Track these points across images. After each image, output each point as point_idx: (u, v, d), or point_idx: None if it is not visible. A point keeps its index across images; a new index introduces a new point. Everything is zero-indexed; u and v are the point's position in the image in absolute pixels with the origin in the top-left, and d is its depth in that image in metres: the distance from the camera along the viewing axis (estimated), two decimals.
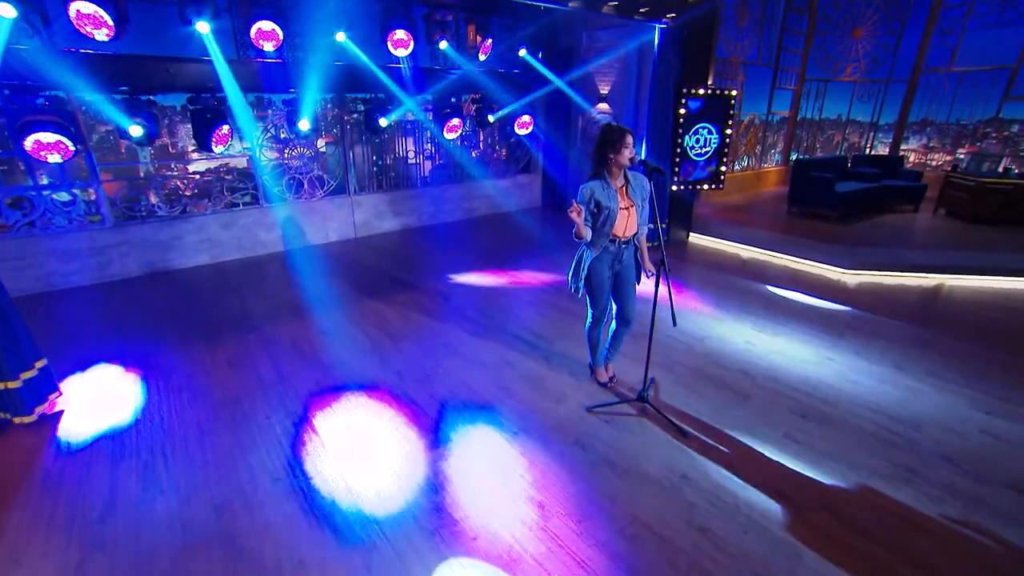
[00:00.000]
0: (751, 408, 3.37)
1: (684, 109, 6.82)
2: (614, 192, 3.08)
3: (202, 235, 6.54)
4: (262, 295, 5.54)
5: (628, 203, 3.14)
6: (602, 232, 3.14)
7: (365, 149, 7.93)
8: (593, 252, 3.20)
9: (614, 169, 3.07)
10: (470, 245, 7.52)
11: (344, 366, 3.98)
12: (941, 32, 9.90)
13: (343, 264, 6.70)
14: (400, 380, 3.76)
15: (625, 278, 3.34)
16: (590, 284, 3.29)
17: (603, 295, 3.32)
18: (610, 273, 3.28)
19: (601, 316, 3.43)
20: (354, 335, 4.53)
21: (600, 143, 3.07)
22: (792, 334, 4.48)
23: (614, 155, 3.01)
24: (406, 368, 3.93)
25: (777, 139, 11.27)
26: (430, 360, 4.06)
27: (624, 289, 3.36)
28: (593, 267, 3.23)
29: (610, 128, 3.05)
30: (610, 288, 3.34)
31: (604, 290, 3.31)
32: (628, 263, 3.32)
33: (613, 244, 3.19)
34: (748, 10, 8.90)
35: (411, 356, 4.13)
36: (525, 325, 4.70)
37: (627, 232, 3.17)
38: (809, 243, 6.72)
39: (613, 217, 3.09)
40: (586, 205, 3.09)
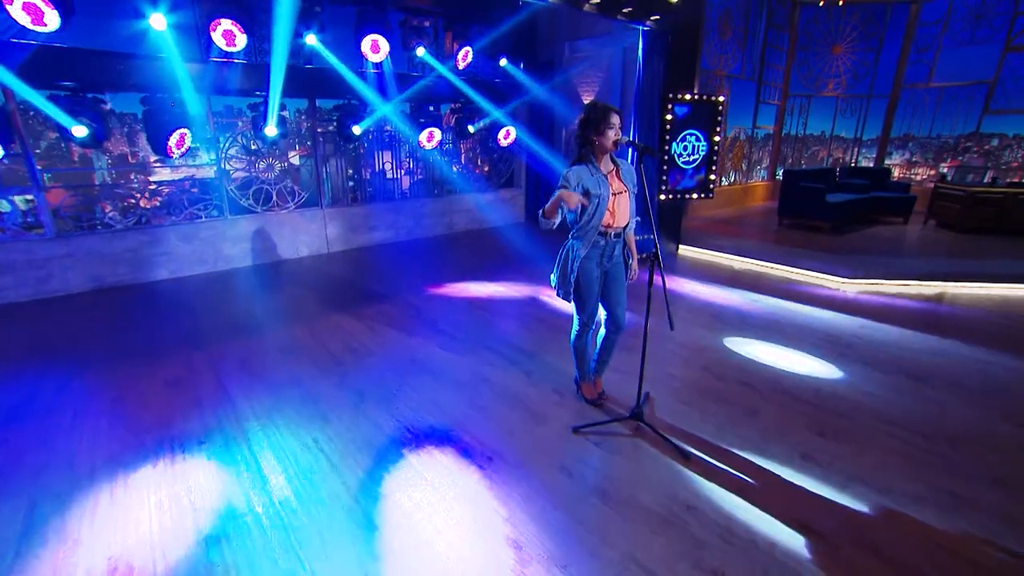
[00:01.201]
0: (760, 425, 2.96)
1: (670, 115, 6.60)
2: (603, 177, 2.72)
3: (159, 248, 6.06)
4: (219, 311, 5.06)
5: (621, 187, 2.78)
6: (590, 225, 2.77)
7: (340, 162, 7.57)
8: (582, 248, 2.82)
9: (599, 152, 2.72)
10: (449, 259, 7.12)
11: (298, 385, 3.51)
12: (918, 49, 9.95)
13: (312, 279, 6.24)
14: (360, 400, 3.30)
15: (615, 277, 2.96)
16: (578, 286, 2.89)
17: (592, 298, 2.93)
18: (599, 272, 2.90)
19: (589, 322, 3.03)
20: (315, 351, 4.06)
21: (582, 123, 2.72)
22: (796, 344, 4.11)
23: (597, 137, 2.67)
24: (368, 387, 3.47)
25: (763, 155, 11.16)
26: (396, 378, 3.60)
27: (614, 289, 2.97)
28: (583, 267, 2.84)
29: (593, 106, 2.71)
30: (599, 289, 2.96)
31: (593, 292, 2.91)
32: (618, 260, 2.94)
33: (603, 238, 2.81)
34: (731, 24, 8.83)
35: (375, 373, 3.67)
36: (504, 339, 4.28)
37: (619, 222, 2.80)
38: (804, 253, 6.44)
39: (604, 205, 2.72)
40: (568, 188, 2.72)
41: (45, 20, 4.36)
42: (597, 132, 2.66)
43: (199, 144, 6.53)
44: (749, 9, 9.15)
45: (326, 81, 6.37)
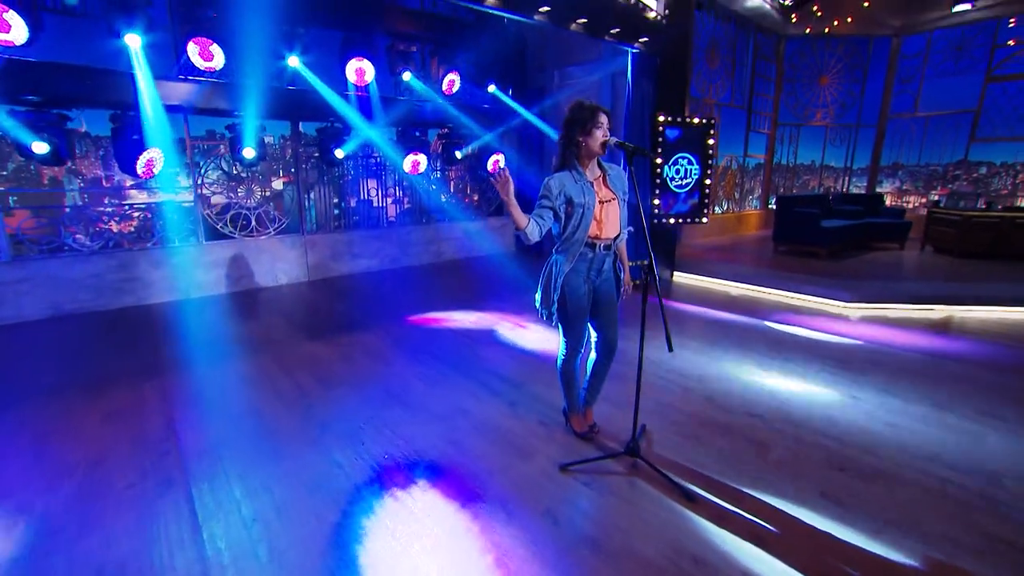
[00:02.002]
0: (772, 460, 2.61)
1: (662, 138, 6.46)
2: (589, 184, 2.47)
3: (126, 273, 5.72)
4: (183, 340, 4.70)
5: (609, 195, 2.52)
6: (575, 237, 2.49)
7: (325, 189, 7.35)
8: (567, 262, 2.54)
9: (585, 157, 2.47)
10: (435, 288, 6.82)
11: (256, 418, 3.14)
12: (901, 80, 10.08)
13: (289, 307, 5.91)
14: (323, 434, 2.93)
15: (605, 294, 2.67)
16: (564, 306, 2.59)
17: (580, 318, 2.63)
18: (587, 288, 2.61)
19: (577, 345, 2.71)
20: (280, 382, 3.70)
21: (567, 123, 2.47)
22: (804, 371, 3.80)
23: (584, 138, 2.42)
24: (334, 420, 3.11)
25: (755, 184, 11.13)
26: (366, 410, 3.24)
27: (604, 308, 2.67)
28: (568, 283, 2.55)
29: (579, 105, 2.47)
30: (588, 308, 2.66)
31: (581, 311, 2.61)
32: (608, 275, 2.65)
33: (591, 250, 2.53)
34: (719, 52, 8.89)
35: (343, 406, 3.31)
36: (488, 368, 3.94)
37: (607, 233, 2.53)
38: (802, 278, 6.20)
39: (589, 215, 2.45)
40: (553, 204, 2.46)
41: (12, 34, 4.18)
42: (583, 132, 2.41)
43: (178, 168, 6.31)
44: (735, 40, 9.25)
45: (309, 103, 6.21)
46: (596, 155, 2.47)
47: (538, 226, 2.41)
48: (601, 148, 2.44)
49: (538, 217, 2.42)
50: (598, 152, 2.45)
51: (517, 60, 8.11)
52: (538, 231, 2.41)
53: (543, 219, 2.43)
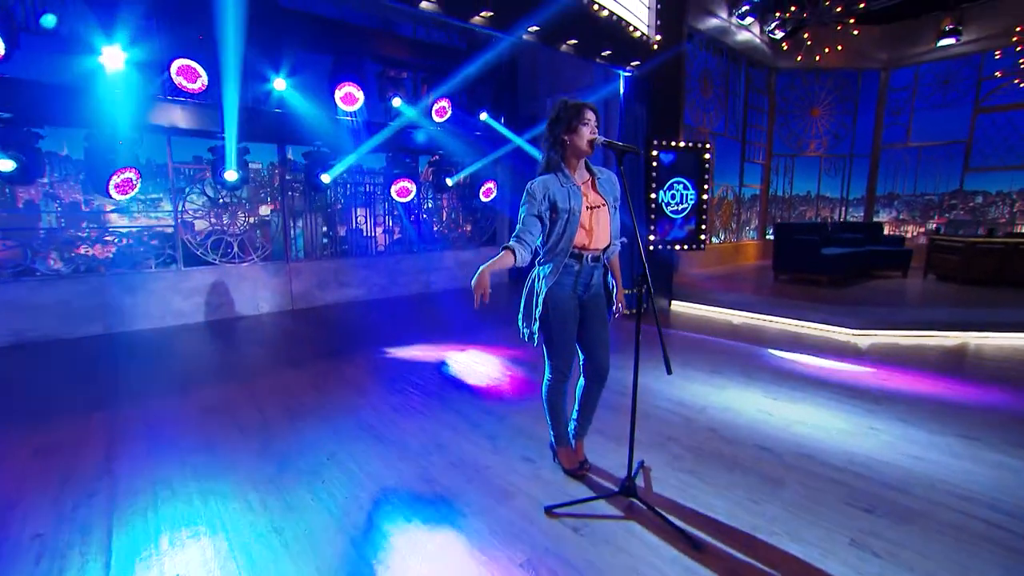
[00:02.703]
0: (788, 500, 2.29)
1: (656, 162, 6.33)
2: (576, 188, 2.24)
3: (97, 300, 5.44)
4: (147, 369, 4.38)
5: (598, 200, 2.28)
6: (559, 247, 2.25)
7: (313, 218, 7.16)
8: (550, 276, 2.28)
9: (571, 157, 2.25)
10: (423, 319, 6.53)
11: (208, 452, 2.80)
12: (891, 112, 10.14)
13: (268, 336, 5.60)
14: (281, 471, 2.60)
15: (594, 312, 2.40)
16: (547, 323, 2.32)
17: (566, 336, 2.35)
18: (574, 304, 2.35)
19: (565, 369, 2.42)
20: (244, 412, 3.37)
21: (551, 122, 2.26)
22: (815, 400, 3.49)
23: (570, 136, 2.20)
24: (296, 455, 2.78)
25: (751, 215, 11.03)
26: (332, 443, 2.92)
27: (593, 328, 2.40)
28: (552, 297, 2.29)
29: (564, 102, 2.27)
30: (575, 326, 2.39)
31: (567, 329, 2.34)
32: (597, 290, 2.39)
33: (577, 262, 2.28)
34: (712, 83, 8.92)
35: (308, 438, 2.98)
36: (470, 399, 3.63)
37: (596, 243, 2.28)
38: (806, 305, 5.95)
39: (575, 222, 2.22)
40: (538, 210, 2.23)
41: None
42: (569, 129, 2.20)
43: (161, 194, 6.13)
44: (727, 72, 9.31)
45: (296, 127, 6.09)
46: (584, 155, 2.25)
47: (527, 245, 2.19)
48: (589, 147, 2.22)
49: (525, 234, 2.20)
50: (586, 151, 2.23)
51: (509, 87, 8.10)
52: (529, 250, 2.20)
53: (531, 234, 2.21)
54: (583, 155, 2.25)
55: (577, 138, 2.19)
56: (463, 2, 4.39)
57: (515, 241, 2.22)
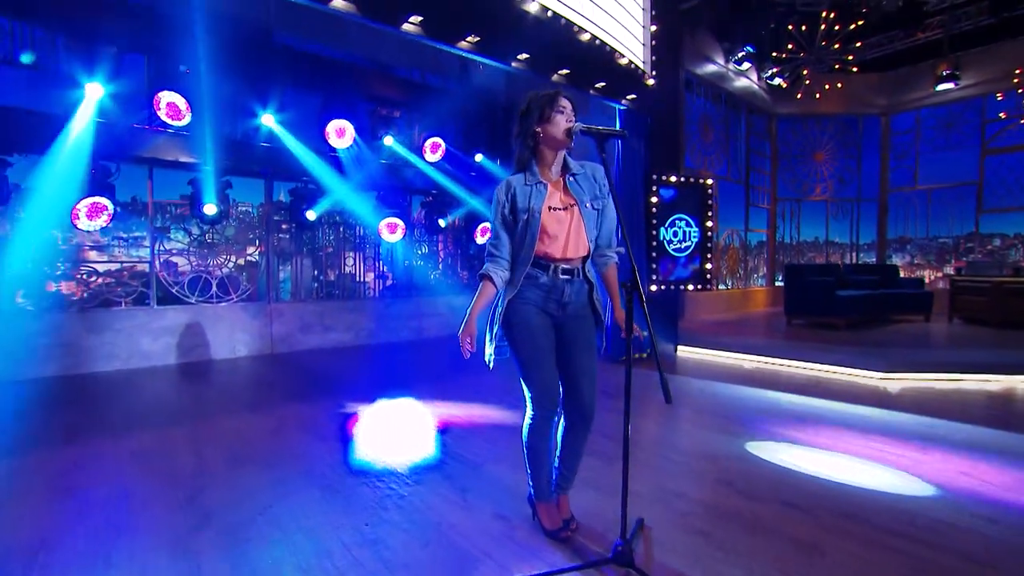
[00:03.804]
0: (828, 569, 1.76)
1: (656, 198, 6.06)
2: (543, 187, 1.90)
3: (57, 338, 5.06)
4: (91, 413, 3.93)
5: (566, 201, 1.92)
6: (520, 256, 1.90)
7: (301, 261, 6.89)
8: (510, 289, 1.92)
9: (545, 151, 1.92)
10: (408, 366, 6.03)
11: (113, 507, 2.32)
12: (896, 156, 9.98)
13: (238, 380, 5.16)
14: (199, 528, 2.11)
15: (575, 336, 1.99)
16: (514, 342, 1.93)
17: (541, 360, 1.94)
18: (545, 322, 1.95)
19: (549, 404, 1.97)
20: (179, 458, 2.90)
21: (521, 115, 1.96)
22: (848, 449, 2.97)
23: (542, 126, 1.88)
24: (224, 509, 2.29)
25: (759, 262, 10.68)
26: (270, 495, 2.43)
27: (574, 355, 1.98)
28: (513, 312, 1.92)
29: (535, 93, 1.97)
30: (550, 348, 1.97)
31: (539, 349, 1.93)
32: (577, 311, 1.99)
33: (543, 273, 1.91)
34: (712, 127, 8.83)
35: (247, 488, 2.50)
36: (442, 446, 3.14)
37: (566, 252, 1.91)
38: (825, 347, 5.45)
39: (535, 225, 1.86)
40: (498, 214, 1.93)
41: None
42: (542, 119, 1.88)
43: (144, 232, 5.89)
44: (727, 117, 9.26)
45: (283, 162, 5.92)
46: (561, 147, 1.91)
47: (502, 261, 1.92)
48: (566, 136, 1.88)
49: (497, 248, 1.93)
50: (562, 141, 1.89)
51: (504, 126, 8.01)
52: (506, 265, 1.93)
53: (504, 246, 1.93)
54: (560, 147, 1.91)
55: (552, 127, 1.87)
56: (448, 26, 4.27)
57: (489, 262, 1.90)
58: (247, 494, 2.44)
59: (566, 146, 1.91)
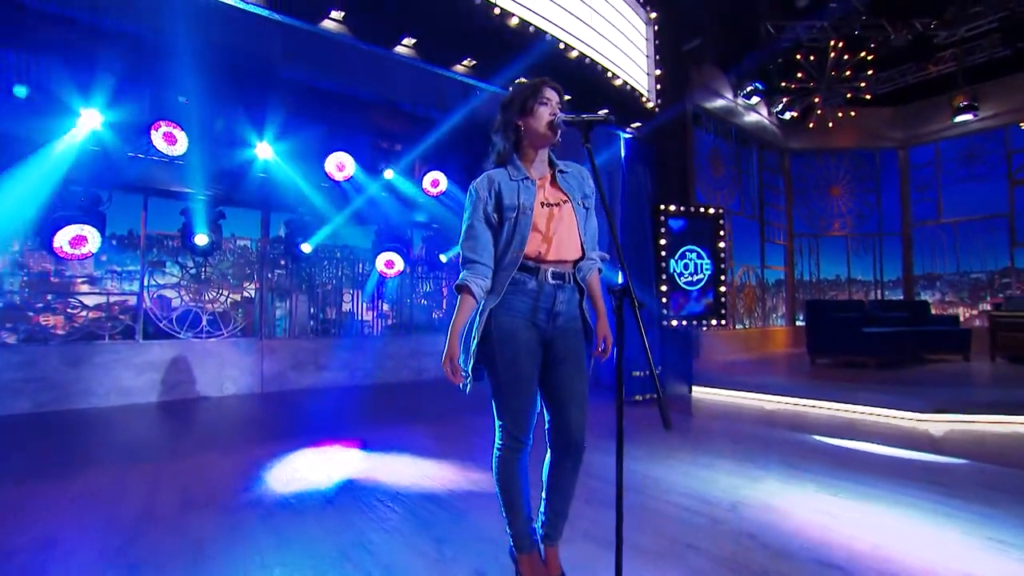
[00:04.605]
0: None
1: (664, 228, 5.78)
2: (530, 182, 1.67)
3: (31, 372, 4.82)
4: (51, 453, 3.62)
5: (558, 197, 1.69)
6: (506, 258, 1.63)
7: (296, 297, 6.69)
8: (493, 296, 1.64)
9: (528, 147, 1.70)
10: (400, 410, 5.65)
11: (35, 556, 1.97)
12: (917, 188, 9.64)
13: (218, 420, 4.82)
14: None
15: (564, 353, 1.69)
16: (490, 360, 1.64)
17: (519, 383, 1.64)
18: (533, 336, 1.65)
19: (519, 434, 1.66)
20: (129, 500, 2.57)
21: (502, 107, 1.75)
22: (896, 499, 2.51)
23: (523, 119, 1.67)
24: (166, 556, 1.95)
25: (777, 302, 10.23)
26: (223, 542, 2.07)
27: (562, 375, 1.68)
28: (496, 325, 1.63)
29: (519, 83, 1.79)
30: (535, 368, 1.64)
31: (521, 372, 1.63)
32: (569, 322, 1.71)
33: (532, 278, 1.63)
34: (722, 161, 8.65)
35: (189, 536, 2.15)
36: (421, 488, 2.75)
37: (558, 253, 1.65)
38: (855, 386, 4.97)
39: (526, 223, 1.62)
40: (486, 212, 1.67)
41: None
42: (523, 111, 1.67)
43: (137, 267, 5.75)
44: (738, 153, 9.08)
45: (281, 193, 5.81)
46: (544, 142, 1.69)
47: (482, 267, 1.64)
48: (550, 130, 1.66)
49: (476, 252, 1.65)
50: (545, 135, 1.67)
51: None
52: (488, 271, 1.65)
53: (485, 249, 1.65)
54: (543, 143, 1.69)
55: (534, 120, 1.66)
56: (443, 49, 4.18)
57: (467, 270, 1.63)
58: (189, 543, 2.08)
59: (550, 141, 1.70)
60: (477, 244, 1.65)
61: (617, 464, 1.48)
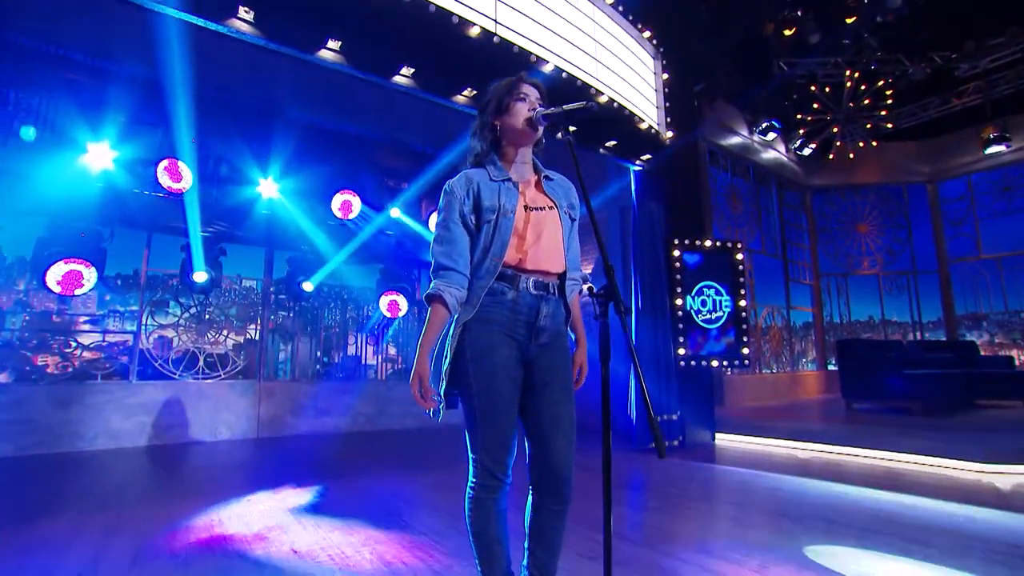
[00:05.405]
0: None
1: (679, 263, 5.47)
2: (513, 184, 1.48)
3: (15, 414, 4.64)
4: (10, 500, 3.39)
5: (544, 201, 1.51)
6: (484, 266, 1.42)
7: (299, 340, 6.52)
8: (469, 308, 1.42)
9: (507, 148, 1.52)
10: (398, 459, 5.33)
11: None
12: (952, 223, 9.12)
13: (205, 467, 4.53)
14: None
15: (546, 376, 1.45)
16: (463, 380, 1.42)
17: (494, 412, 1.39)
18: (511, 355, 1.42)
19: (497, 469, 1.41)
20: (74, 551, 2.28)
21: (480, 110, 1.59)
22: (962, 562, 2.04)
23: (500, 118, 1.50)
24: None
25: (807, 346, 9.63)
26: None
27: (544, 404, 1.44)
28: (470, 340, 1.41)
29: (497, 82, 1.59)
30: (515, 391, 1.41)
31: (497, 398, 1.39)
32: (553, 339, 1.49)
33: (511, 287, 1.41)
34: (740, 198, 8.37)
35: None
36: (409, 520, 2.39)
37: (541, 262, 1.45)
38: (902, 433, 4.43)
39: (507, 227, 1.42)
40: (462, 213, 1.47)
41: None
42: (500, 110, 1.50)
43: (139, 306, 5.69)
44: (757, 190, 8.81)
45: (285, 230, 5.75)
46: (525, 140, 1.51)
47: (457, 275, 1.42)
48: (528, 127, 1.48)
49: (450, 257, 1.43)
50: (524, 132, 1.48)
51: None
52: (463, 281, 1.43)
53: (461, 255, 1.44)
54: (523, 141, 1.51)
55: (511, 118, 1.48)
56: (441, 78, 4.11)
57: (439, 279, 1.41)
58: None
59: (530, 141, 1.51)
60: (453, 249, 1.43)
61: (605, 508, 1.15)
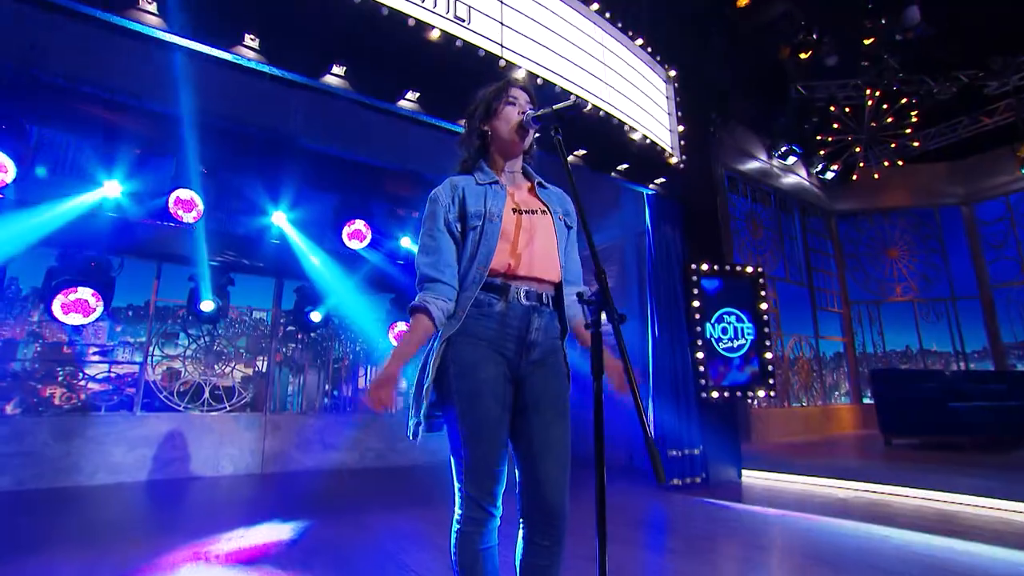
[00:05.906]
0: None
1: (697, 289, 5.22)
2: (500, 187, 1.39)
3: (18, 446, 4.56)
4: None
5: (535, 204, 1.41)
6: (470, 275, 1.31)
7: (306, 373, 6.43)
8: (453, 321, 1.29)
9: (495, 154, 1.43)
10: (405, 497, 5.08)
11: None
12: (992, 246, 8.65)
13: (202, 504, 4.36)
14: None
15: (537, 396, 1.30)
16: (447, 401, 1.30)
17: (481, 435, 1.25)
18: (499, 373, 1.28)
19: (485, 500, 1.24)
20: None
21: (468, 116, 1.52)
22: None
23: (489, 123, 1.42)
24: None
25: (839, 377, 9.11)
26: None
27: (534, 427, 1.28)
28: (455, 356, 1.28)
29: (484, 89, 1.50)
30: (504, 413, 1.25)
31: (484, 420, 1.25)
32: (546, 356, 1.34)
33: (499, 299, 1.29)
34: (761, 224, 8.11)
35: None
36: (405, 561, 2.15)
37: (533, 269, 1.32)
38: (948, 471, 4.01)
39: (494, 232, 1.31)
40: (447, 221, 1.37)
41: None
42: (488, 114, 1.42)
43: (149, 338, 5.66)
44: (779, 216, 8.55)
45: (294, 260, 5.70)
46: (513, 148, 1.42)
47: (444, 287, 1.30)
48: (518, 133, 1.39)
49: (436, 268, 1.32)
50: (513, 141, 1.40)
51: None
52: (451, 292, 1.32)
53: (448, 265, 1.32)
54: (513, 149, 1.42)
55: (500, 122, 1.40)
56: (445, 102, 4.06)
57: (425, 291, 1.30)
58: None
59: (520, 148, 1.42)
60: (439, 259, 1.31)
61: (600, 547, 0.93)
